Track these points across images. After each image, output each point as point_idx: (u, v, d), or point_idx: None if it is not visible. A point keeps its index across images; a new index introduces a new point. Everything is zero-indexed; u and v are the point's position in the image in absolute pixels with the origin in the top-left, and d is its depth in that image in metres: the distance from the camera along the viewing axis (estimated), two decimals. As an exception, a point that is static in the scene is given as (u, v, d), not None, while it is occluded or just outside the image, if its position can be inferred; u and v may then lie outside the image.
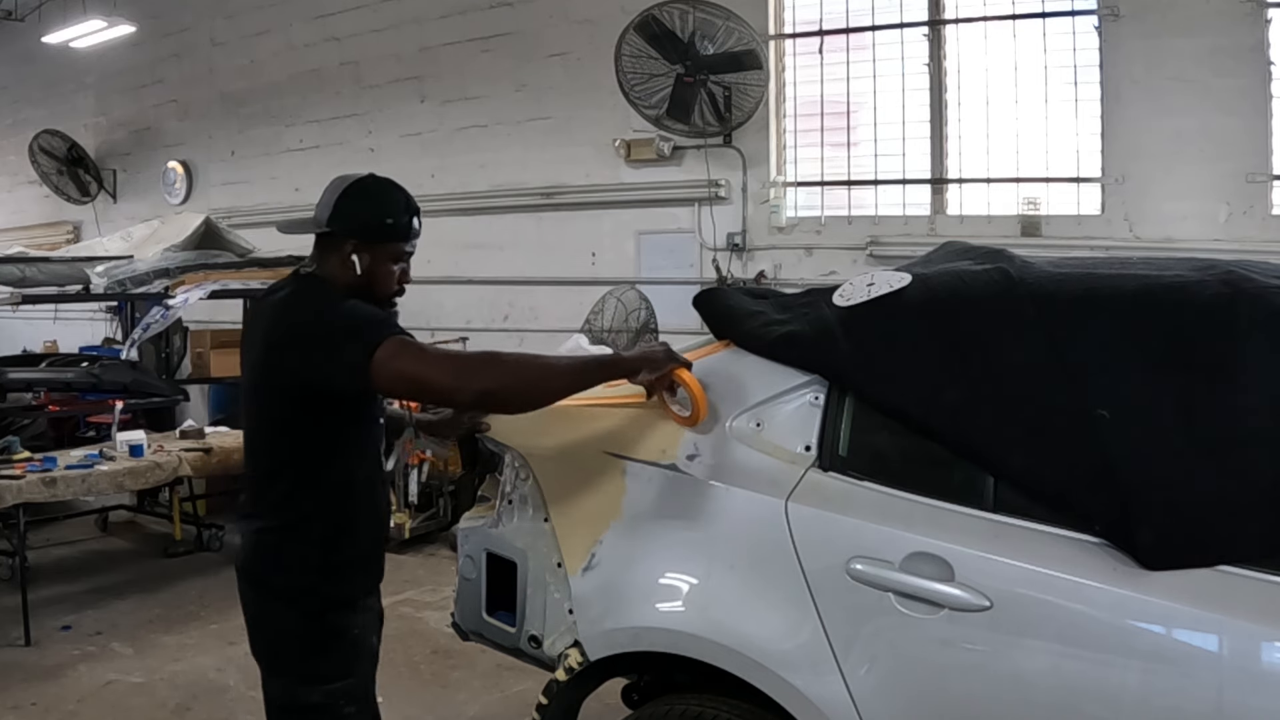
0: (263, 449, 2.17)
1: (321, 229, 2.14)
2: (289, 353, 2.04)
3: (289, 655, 2.13)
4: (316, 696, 2.09)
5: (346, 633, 2.14)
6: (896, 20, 5.66)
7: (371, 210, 2.13)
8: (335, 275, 2.13)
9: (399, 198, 2.17)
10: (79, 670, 4.21)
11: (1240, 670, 1.67)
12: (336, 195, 2.13)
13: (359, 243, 2.11)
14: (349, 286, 2.12)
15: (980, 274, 2.14)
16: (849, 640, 1.97)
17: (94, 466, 4.88)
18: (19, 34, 9.40)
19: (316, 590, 2.10)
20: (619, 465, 2.30)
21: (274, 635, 2.14)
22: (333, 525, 2.12)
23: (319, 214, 2.15)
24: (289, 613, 2.11)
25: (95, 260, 6.49)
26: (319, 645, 2.10)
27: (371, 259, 2.12)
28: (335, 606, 2.13)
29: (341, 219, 2.11)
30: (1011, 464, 1.91)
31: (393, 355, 1.92)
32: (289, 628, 2.11)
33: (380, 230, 2.12)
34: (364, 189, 2.15)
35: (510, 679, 3.97)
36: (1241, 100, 4.76)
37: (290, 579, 2.11)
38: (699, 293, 2.57)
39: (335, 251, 2.13)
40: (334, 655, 2.12)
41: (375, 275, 2.14)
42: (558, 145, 6.70)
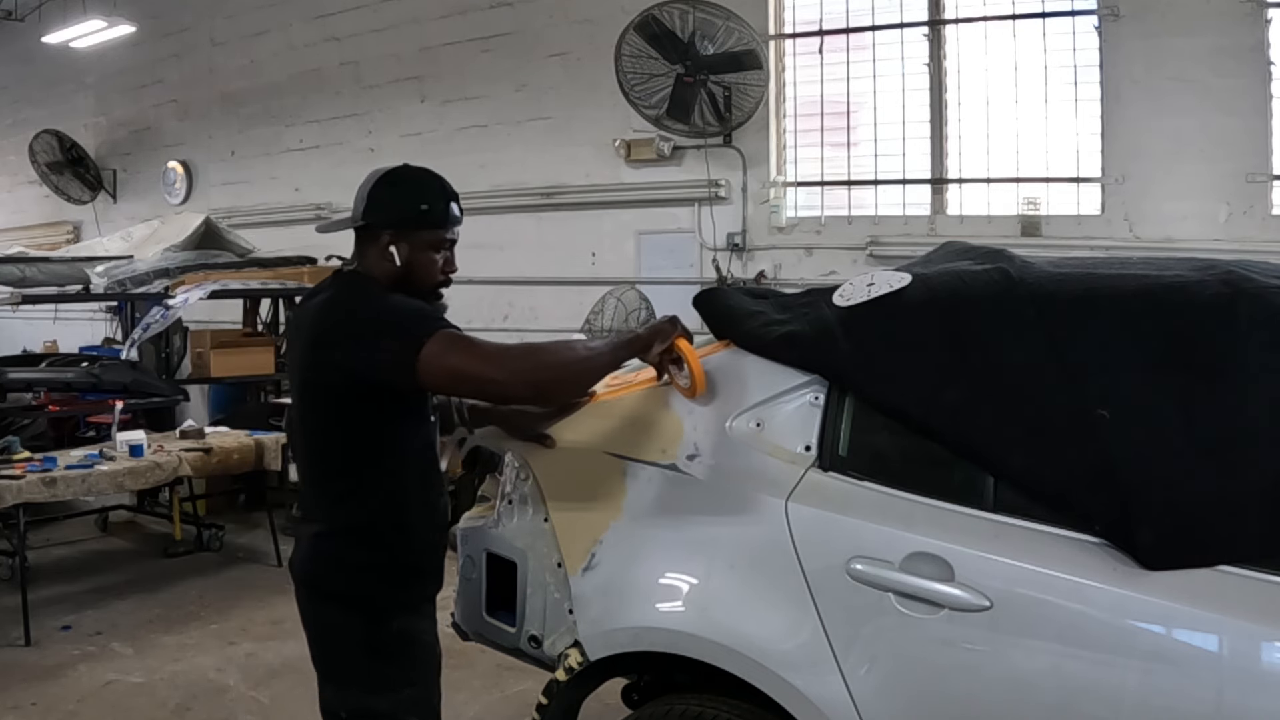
0: (314, 453, 2.12)
1: (358, 224, 2.10)
2: (335, 351, 1.98)
3: (353, 663, 2.05)
4: (384, 704, 2.04)
5: (414, 638, 2.09)
6: (896, 20, 5.66)
7: (405, 198, 2.09)
8: (375, 270, 2.09)
9: (434, 184, 2.13)
10: (79, 670, 4.21)
11: (1240, 670, 1.67)
12: (370, 188, 2.10)
13: (395, 233, 2.06)
14: (391, 279, 2.07)
15: (980, 274, 2.14)
16: (849, 640, 1.97)
17: (94, 466, 4.88)
18: (19, 34, 9.41)
19: (380, 595, 2.05)
20: (619, 465, 2.30)
21: (337, 643, 2.07)
22: (391, 527, 2.06)
23: (355, 209, 2.11)
24: (353, 619, 2.04)
25: (95, 260, 6.50)
26: (384, 652, 2.04)
27: (410, 249, 2.07)
28: (400, 611, 2.07)
29: (376, 210, 2.07)
30: (1011, 464, 1.91)
31: (442, 351, 1.88)
32: (353, 634, 2.04)
33: (416, 217, 2.08)
34: (397, 178, 2.12)
35: (510, 679, 3.97)
36: (1241, 100, 4.76)
37: (352, 584, 2.05)
38: (699, 293, 2.57)
39: (373, 245, 2.08)
40: (400, 662, 2.06)
41: (416, 265, 2.09)
42: (558, 145, 6.70)
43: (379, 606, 2.05)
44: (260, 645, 4.46)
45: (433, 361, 1.87)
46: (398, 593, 2.08)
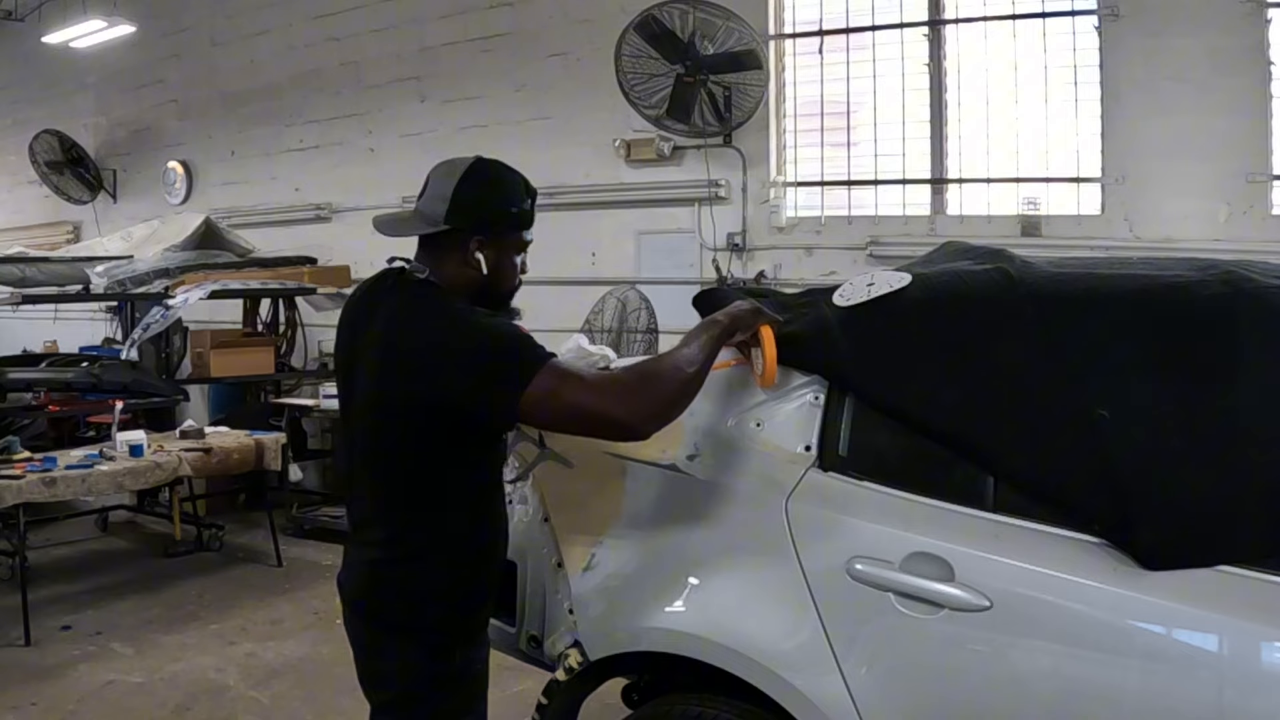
0: (384, 477, 1.94)
1: (439, 227, 1.89)
2: (432, 380, 1.80)
3: (413, 694, 1.94)
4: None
5: (472, 668, 2.00)
6: (896, 20, 5.66)
7: (496, 199, 1.92)
8: (456, 277, 1.90)
9: (520, 182, 1.96)
10: (79, 670, 4.21)
11: (1240, 670, 1.67)
12: (453, 185, 1.89)
13: (484, 238, 1.90)
14: (473, 287, 1.92)
15: (980, 274, 2.14)
16: (849, 640, 1.97)
17: (94, 466, 4.88)
18: (19, 34, 9.41)
19: (445, 626, 1.93)
20: (619, 465, 2.30)
21: (396, 672, 1.94)
22: (460, 556, 1.94)
23: (430, 209, 1.91)
24: (416, 650, 1.91)
25: (95, 260, 6.51)
26: (446, 683, 1.94)
27: (497, 254, 1.91)
28: (463, 642, 1.97)
29: (462, 213, 1.88)
30: (1011, 464, 1.91)
31: (553, 389, 1.72)
32: (415, 665, 1.92)
33: (506, 221, 1.92)
34: (483, 176, 1.93)
35: (510, 679, 3.97)
36: (1241, 100, 4.76)
37: (417, 615, 1.91)
38: (699, 293, 2.57)
39: (455, 250, 1.90)
40: (460, 692, 1.97)
41: (500, 272, 1.93)
42: (558, 145, 6.70)
43: (443, 638, 1.93)
44: (260, 645, 4.46)
45: (545, 400, 1.73)
46: (464, 621, 1.97)
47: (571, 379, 1.76)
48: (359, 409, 1.98)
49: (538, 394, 1.73)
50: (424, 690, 1.94)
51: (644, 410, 1.77)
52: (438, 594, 1.92)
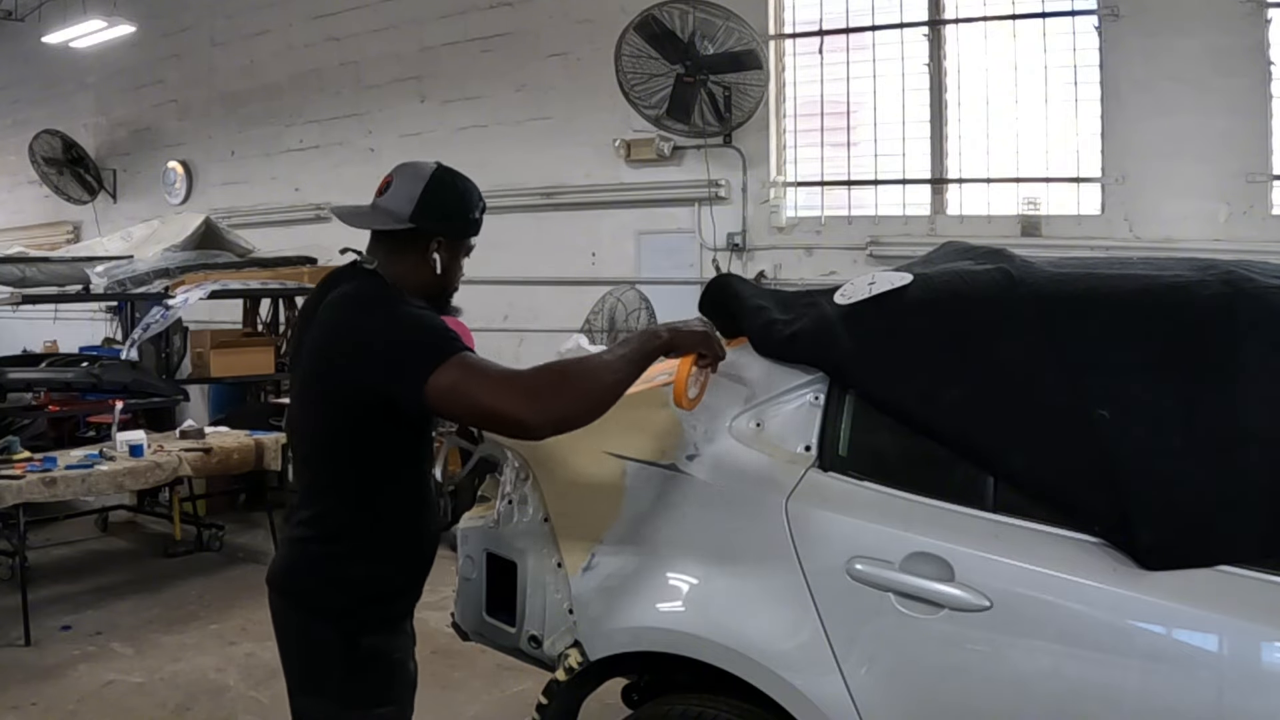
0: (313, 459, 2.01)
1: (402, 225, 1.96)
2: (350, 365, 1.85)
3: (327, 676, 1.97)
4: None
5: (387, 656, 2.00)
6: (896, 20, 5.67)
7: (461, 204, 2.01)
8: (408, 275, 1.98)
9: (476, 190, 2.05)
10: (79, 670, 4.21)
11: (1240, 670, 1.67)
12: (421, 187, 1.96)
13: (444, 240, 1.99)
14: (423, 284, 2.00)
15: (981, 274, 2.14)
16: (849, 640, 1.97)
17: (94, 466, 4.88)
18: (19, 34, 9.41)
19: (361, 610, 1.96)
20: (619, 465, 2.30)
21: (310, 653, 1.99)
22: (381, 542, 1.98)
23: (396, 207, 1.96)
24: (328, 631, 1.95)
25: (95, 260, 6.51)
26: (359, 667, 1.95)
27: (450, 257, 2.02)
28: (379, 627, 1.99)
29: (427, 215, 1.95)
30: (1011, 463, 1.91)
31: (456, 382, 1.74)
32: (331, 648, 1.95)
33: (465, 226, 2.02)
34: (446, 182, 2.00)
35: (510, 679, 3.97)
36: (1241, 100, 4.76)
37: (334, 597, 1.96)
38: (711, 280, 2.51)
39: (412, 249, 1.97)
40: (374, 679, 1.98)
41: (450, 272, 2.03)
42: (558, 145, 6.70)
43: (359, 622, 1.96)
44: (260, 645, 4.46)
45: (446, 392, 1.74)
46: (379, 609, 2.00)
47: (476, 374, 1.76)
48: (296, 391, 2.08)
49: (441, 386, 1.75)
50: (334, 673, 1.96)
51: (544, 414, 1.74)
52: (353, 579, 1.96)
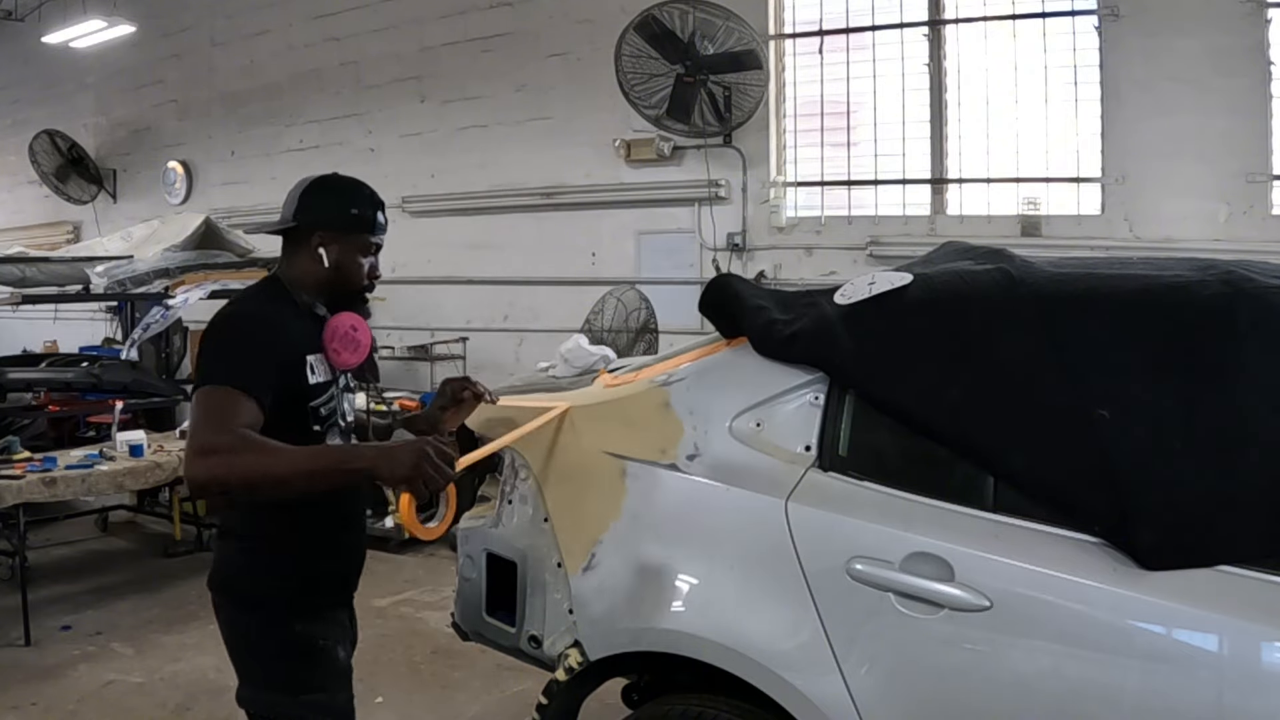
0: None
1: (288, 225, 2.14)
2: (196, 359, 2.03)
3: (258, 664, 2.08)
4: (288, 709, 2.04)
5: (312, 644, 2.08)
6: (896, 20, 5.67)
7: (337, 202, 2.13)
8: (303, 272, 2.12)
9: (364, 191, 2.17)
10: (79, 670, 4.21)
11: (1240, 670, 1.67)
12: (301, 192, 2.14)
13: (326, 235, 2.10)
14: (318, 281, 2.12)
15: (981, 274, 2.14)
16: (849, 640, 1.97)
17: (94, 466, 4.87)
18: (19, 34, 9.41)
19: (278, 599, 2.05)
20: (619, 465, 2.30)
21: (240, 644, 2.10)
22: (283, 532, 2.05)
23: (284, 212, 2.15)
24: (252, 621, 2.06)
25: (95, 260, 6.49)
26: (283, 655, 2.05)
27: (340, 251, 2.11)
28: (297, 616, 2.06)
29: (307, 213, 2.11)
30: (1011, 463, 1.91)
31: (195, 405, 1.87)
32: (255, 636, 2.06)
33: (347, 221, 2.12)
34: (328, 184, 2.16)
35: (510, 679, 3.97)
36: (1241, 100, 4.77)
37: (252, 587, 2.06)
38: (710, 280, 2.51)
39: (303, 247, 2.12)
40: (299, 666, 2.06)
41: (344, 268, 2.12)
42: (558, 145, 6.70)
43: (277, 610, 2.04)
44: (260, 645, 4.46)
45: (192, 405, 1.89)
46: (296, 598, 2.06)
47: (202, 414, 1.84)
48: None
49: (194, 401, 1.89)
50: (265, 660, 2.06)
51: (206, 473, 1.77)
52: (269, 570, 2.05)
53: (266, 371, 1.93)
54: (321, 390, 2.06)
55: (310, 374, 2.04)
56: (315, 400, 2.05)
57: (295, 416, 2.00)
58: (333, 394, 2.11)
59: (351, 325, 2.12)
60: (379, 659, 4.36)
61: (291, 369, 2.00)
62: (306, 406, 2.03)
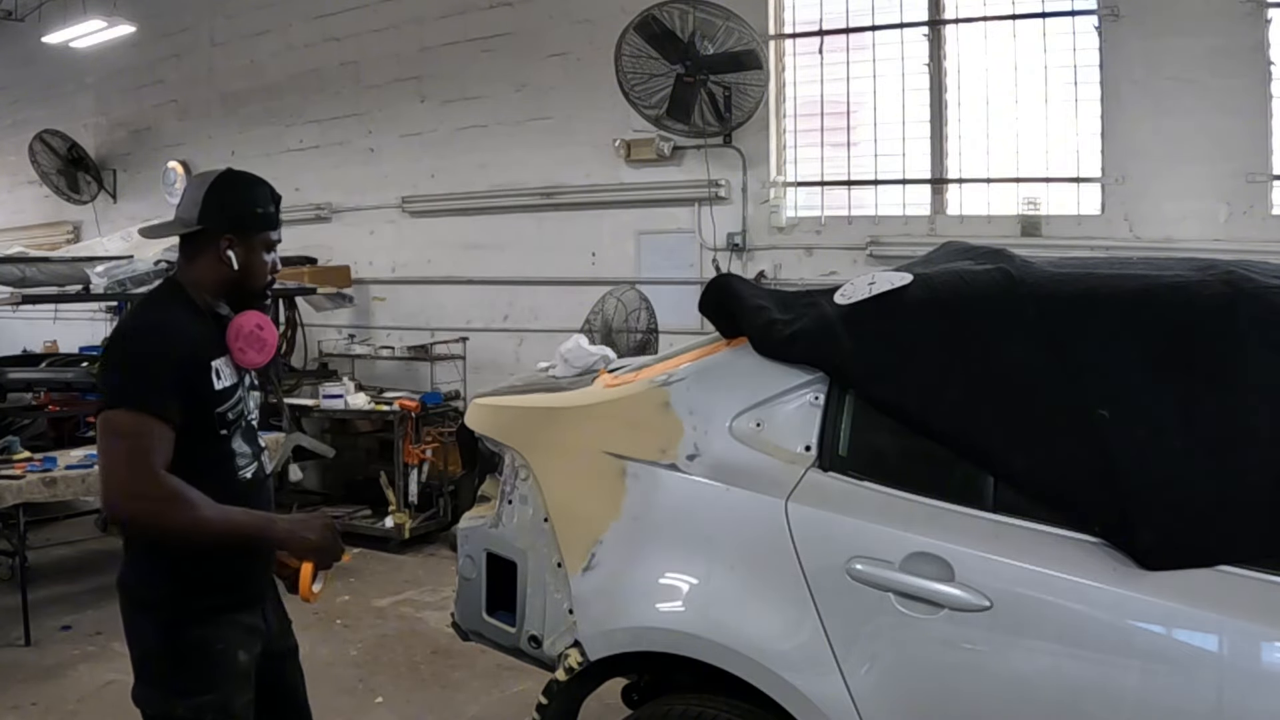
0: None
1: (191, 228, 2.07)
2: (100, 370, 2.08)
3: (152, 665, 2.07)
4: (180, 709, 2.03)
5: (207, 646, 2.05)
6: (896, 20, 5.66)
7: (243, 201, 2.10)
8: (206, 275, 2.08)
9: (265, 187, 2.15)
10: (79, 670, 4.21)
11: (1240, 670, 1.67)
12: (203, 191, 2.08)
13: (234, 236, 2.07)
14: (225, 284, 2.09)
15: (981, 274, 2.14)
16: (849, 640, 1.97)
17: (94, 466, 4.87)
18: (19, 34, 9.40)
19: (170, 602, 2.04)
20: (619, 465, 2.30)
21: (137, 644, 2.09)
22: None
23: (184, 213, 2.09)
24: (148, 623, 2.06)
25: (95, 260, 6.49)
26: (178, 657, 2.04)
27: (246, 253, 2.08)
28: (192, 619, 2.04)
29: (212, 214, 2.06)
30: (1011, 464, 1.91)
31: (105, 426, 1.90)
32: (150, 638, 2.06)
33: (254, 220, 2.09)
34: (230, 182, 2.12)
35: (510, 679, 3.97)
36: (1241, 100, 4.76)
37: (148, 590, 2.06)
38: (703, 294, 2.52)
39: (207, 249, 2.08)
40: (193, 668, 2.04)
41: (251, 268, 2.10)
42: (558, 145, 6.70)
43: (171, 614, 2.04)
44: (260, 645, 4.46)
45: (101, 427, 1.90)
46: (190, 601, 2.04)
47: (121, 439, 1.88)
48: None
49: (102, 423, 1.91)
50: (159, 663, 2.05)
51: (133, 516, 1.90)
52: (162, 574, 2.04)
53: (175, 389, 1.94)
54: (229, 395, 2.06)
55: (216, 379, 2.03)
56: (222, 406, 2.05)
57: (201, 423, 2.01)
58: (240, 396, 2.11)
59: (257, 324, 2.11)
60: (379, 659, 4.36)
61: (198, 378, 1.99)
62: (213, 413, 2.03)
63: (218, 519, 1.93)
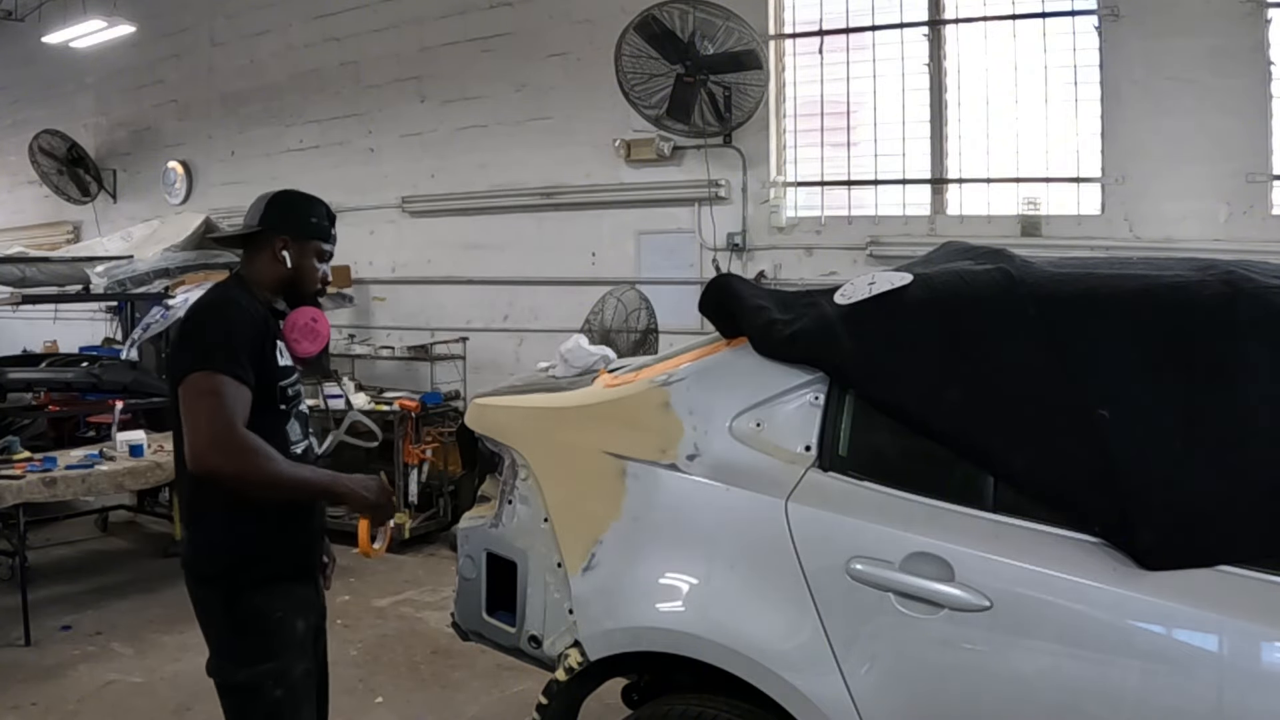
0: (178, 441, 2.23)
1: (252, 229, 2.35)
2: (176, 344, 2.21)
3: (215, 635, 2.24)
4: (241, 676, 2.19)
5: (266, 615, 2.20)
6: (896, 20, 5.66)
7: (300, 211, 2.39)
8: (264, 272, 2.33)
9: (322, 205, 2.44)
10: (79, 670, 4.21)
11: (1240, 670, 1.67)
12: (266, 202, 2.38)
13: (288, 239, 2.33)
14: (279, 282, 2.34)
15: (981, 274, 2.14)
16: (849, 640, 1.97)
17: (94, 466, 4.88)
18: (19, 34, 9.40)
19: (230, 573, 2.19)
20: (619, 465, 2.30)
21: (202, 616, 2.26)
22: (240, 511, 2.17)
23: (249, 219, 2.38)
24: (210, 594, 2.22)
25: (95, 260, 6.50)
26: (238, 626, 2.19)
27: (299, 254, 2.35)
28: (250, 588, 2.19)
29: (271, 218, 2.34)
30: (1011, 463, 1.91)
31: (197, 389, 2.03)
32: (212, 609, 2.22)
33: (306, 226, 2.37)
34: (290, 196, 2.42)
35: (510, 679, 3.97)
36: (1241, 100, 4.76)
37: (208, 563, 2.22)
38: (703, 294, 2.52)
39: (265, 249, 2.33)
40: (253, 637, 2.19)
41: (303, 270, 2.36)
42: (558, 145, 6.70)
43: (231, 584, 2.19)
44: (260, 645, 4.46)
45: (186, 391, 2.04)
46: (247, 571, 2.19)
47: (212, 397, 2.03)
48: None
49: (190, 386, 2.05)
50: (224, 633, 2.22)
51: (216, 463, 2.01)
52: (223, 545, 2.21)
53: (249, 357, 2.12)
54: (289, 373, 2.27)
55: (279, 356, 2.24)
56: (284, 381, 2.24)
57: (264, 394, 2.17)
58: (296, 378, 2.31)
59: (312, 317, 2.36)
60: (379, 659, 4.36)
61: (266, 350, 2.18)
62: (276, 386, 2.21)
63: (290, 473, 2.12)
